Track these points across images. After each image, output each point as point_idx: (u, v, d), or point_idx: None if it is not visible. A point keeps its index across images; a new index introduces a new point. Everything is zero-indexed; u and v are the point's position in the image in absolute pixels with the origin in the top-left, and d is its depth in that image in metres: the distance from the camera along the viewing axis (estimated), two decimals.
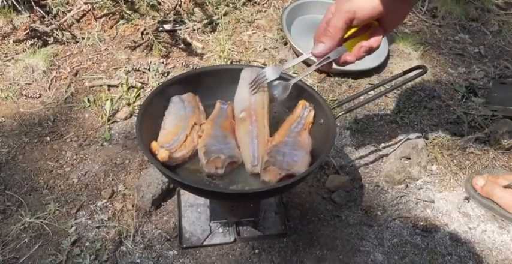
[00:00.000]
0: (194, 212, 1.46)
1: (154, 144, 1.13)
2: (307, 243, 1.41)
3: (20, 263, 1.32)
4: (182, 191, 1.50)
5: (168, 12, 2.23)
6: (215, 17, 2.24)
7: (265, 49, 2.13)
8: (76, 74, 1.93)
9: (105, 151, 1.65)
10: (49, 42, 2.04)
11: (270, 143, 1.19)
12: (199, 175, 1.15)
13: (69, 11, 2.13)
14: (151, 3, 2.21)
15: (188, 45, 2.11)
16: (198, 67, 1.99)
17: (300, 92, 1.29)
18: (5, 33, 2.03)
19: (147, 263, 1.34)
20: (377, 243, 1.44)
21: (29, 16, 2.07)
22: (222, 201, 1.35)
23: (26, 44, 2.00)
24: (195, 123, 1.23)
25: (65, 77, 1.91)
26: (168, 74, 1.96)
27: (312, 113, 1.26)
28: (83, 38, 2.08)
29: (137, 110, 1.66)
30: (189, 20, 2.21)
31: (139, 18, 2.18)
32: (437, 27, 2.42)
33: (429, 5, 2.53)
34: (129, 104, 1.81)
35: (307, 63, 2.03)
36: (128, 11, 2.16)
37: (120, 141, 1.68)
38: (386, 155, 1.70)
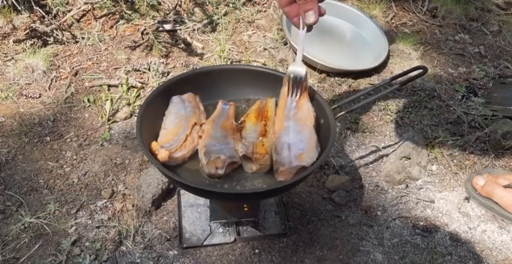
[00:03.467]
0: (194, 212, 1.46)
1: (154, 144, 1.13)
2: (307, 243, 1.41)
3: (20, 263, 1.32)
4: (182, 191, 1.50)
5: (168, 12, 2.23)
6: (215, 17, 2.24)
7: (265, 49, 2.13)
8: (76, 74, 1.93)
9: (105, 151, 1.65)
10: (49, 42, 2.04)
11: (273, 133, 1.20)
12: (200, 175, 1.15)
13: (69, 11, 2.14)
14: (151, 3, 2.21)
15: (188, 45, 2.12)
16: (198, 67, 1.99)
17: None
18: (5, 33, 2.03)
19: (147, 263, 1.34)
20: (377, 243, 1.44)
21: (29, 16, 2.08)
22: (222, 201, 1.35)
23: (26, 44, 2.00)
24: (195, 123, 1.23)
25: (65, 77, 1.91)
26: (168, 74, 1.96)
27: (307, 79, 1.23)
28: (83, 38, 2.08)
29: (137, 110, 1.66)
30: (189, 20, 2.22)
31: (139, 18, 2.19)
32: (437, 27, 2.42)
33: (429, 5, 2.53)
34: (129, 104, 1.81)
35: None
36: (128, 11, 2.16)
37: (120, 141, 1.69)
38: (386, 155, 1.70)
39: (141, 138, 1.11)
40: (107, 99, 1.79)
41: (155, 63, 1.96)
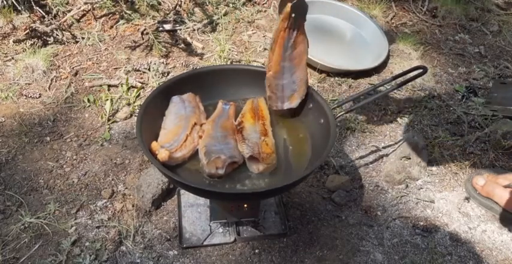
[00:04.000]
0: (194, 212, 1.46)
1: (154, 144, 1.13)
2: (307, 243, 1.41)
3: (20, 263, 1.32)
4: (182, 191, 1.50)
5: (168, 12, 2.23)
6: (215, 17, 2.24)
7: (265, 49, 2.13)
8: (76, 74, 1.93)
9: (105, 151, 1.65)
10: (49, 42, 2.04)
11: (269, 70, 1.24)
12: (200, 175, 1.15)
13: (69, 11, 2.14)
14: (151, 3, 2.21)
15: (188, 45, 2.12)
16: (198, 67, 1.99)
17: None
18: (5, 33, 2.03)
19: (147, 263, 1.34)
20: (377, 243, 1.44)
21: (29, 16, 2.08)
22: (222, 201, 1.35)
23: (26, 44, 2.00)
24: (195, 123, 1.23)
25: (65, 77, 1.91)
26: (168, 74, 1.96)
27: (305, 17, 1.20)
28: (83, 38, 2.08)
29: (137, 110, 1.66)
30: (189, 20, 2.22)
31: (139, 18, 2.19)
32: (437, 27, 2.42)
33: (429, 5, 2.53)
34: (129, 104, 1.81)
35: None
36: (128, 11, 2.16)
37: (120, 141, 1.69)
38: (386, 155, 1.70)
39: (141, 138, 1.11)
40: (107, 99, 1.79)
41: (155, 63, 1.96)
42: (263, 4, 2.40)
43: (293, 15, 1.14)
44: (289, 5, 1.13)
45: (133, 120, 1.76)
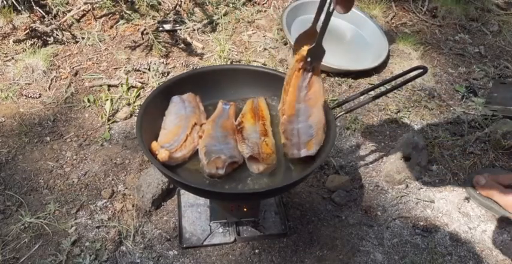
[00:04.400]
0: (194, 212, 1.46)
1: (154, 144, 1.13)
2: (307, 243, 1.41)
3: (20, 263, 1.32)
4: (182, 191, 1.50)
5: (168, 12, 2.23)
6: (215, 17, 2.24)
7: (265, 49, 2.13)
8: (76, 74, 1.93)
9: (105, 151, 1.65)
10: (49, 42, 2.04)
11: (283, 114, 1.17)
12: (200, 175, 1.15)
13: (69, 11, 2.14)
14: (151, 3, 2.21)
15: (188, 45, 2.12)
16: (198, 67, 1.99)
17: None
18: (5, 33, 2.03)
19: (147, 263, 1.34)
20: (377, 243, 1.44)
21: (29, 16, 2.08)
22: (222, 201, 1.35)
23: (26, 44, 2.00)
24: (195, 123, 1.23)
25: (65, 77, 1.91)
26: (168, 74, 1.96)
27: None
28: (83, 38, 2.08)
29: (137, 110, 1.66)
30: (189, 20, 2.22)
31: (139, 18, 2.19)
32: (437, 27, 2.42)
33: (429, 5, 2.53)
34: (129, 104, 1.81)
35: None
36: (127, 11, 2.16)
37: (120, 141, 1.69)
38: (386, 155, 1.70)
39: (141, 138, 1.11)
40: (107, 99, 1.79)
41: (155, 63, 1.96)
42: (263, 4, 2.40)
43: (309, 59, 1.11)
44: (305, 48, 1.10)
45: (133, 120, 1.76)
